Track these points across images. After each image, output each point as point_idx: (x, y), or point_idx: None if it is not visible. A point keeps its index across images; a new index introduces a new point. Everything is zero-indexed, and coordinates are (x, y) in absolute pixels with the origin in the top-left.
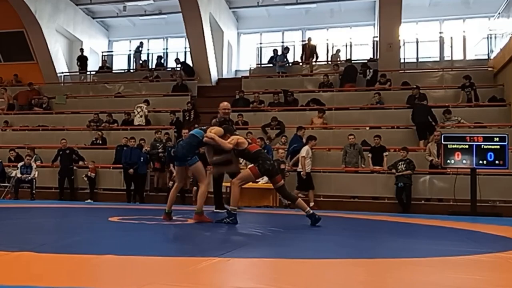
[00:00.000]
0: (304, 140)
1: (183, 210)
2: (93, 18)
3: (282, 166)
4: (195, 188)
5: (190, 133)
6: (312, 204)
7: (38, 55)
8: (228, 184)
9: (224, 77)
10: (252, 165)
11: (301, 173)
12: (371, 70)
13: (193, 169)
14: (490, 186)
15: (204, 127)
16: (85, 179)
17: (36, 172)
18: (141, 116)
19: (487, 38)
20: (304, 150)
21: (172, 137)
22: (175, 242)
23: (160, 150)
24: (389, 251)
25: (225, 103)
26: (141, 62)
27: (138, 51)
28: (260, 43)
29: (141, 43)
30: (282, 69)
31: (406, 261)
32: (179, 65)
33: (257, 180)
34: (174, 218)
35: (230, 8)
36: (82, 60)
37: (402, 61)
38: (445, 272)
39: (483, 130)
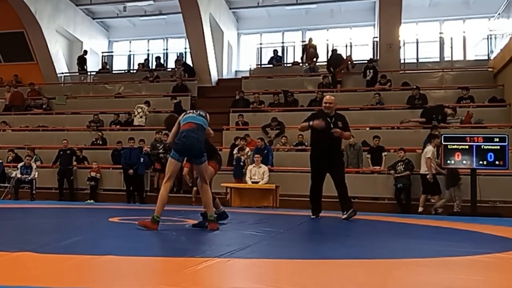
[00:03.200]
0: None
1: (183, 210)
2: (93, 18)
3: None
4: (195, 188)
5: (196, 123)
6: (440, 210)
7: (38, 55)
8: (228, 185)
9: (224, 77)
10: (210, 160)
11: (427, 175)
12: (371, 71)
13: (203, 167)
14: (490, 187)
15: (202, 112)
16: (88, 183)
17: (36, 173)
18: (141, 117)
19: (487, 38)
20: (430, 151)
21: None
22: (175, 242)
23: (160, 151)
24: (389, 251)
25: (327, 96)
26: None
27: (180, 60)
28: (260, 44)
29: (180, 53)
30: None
31: (406, 261)
32: (179, 67)
33: (258, 180)
34: (174, 218)
35: (230, 8)
36: (81, 61)
37: (402, 61)
38: (445, 273)
39: (483, 130)
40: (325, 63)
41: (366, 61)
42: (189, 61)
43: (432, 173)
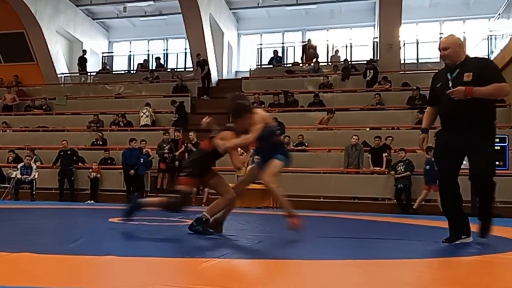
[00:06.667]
0: None
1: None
2: (93, 19)
3: None
4: (194, 189)
5: None
6: None
7: (38, 56)
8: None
9: (224, 78)
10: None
11: None
12: (371, 71)
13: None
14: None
15: None
16: (89, 178)
17: (36, 173)
18: (147, 116)
19: (487, 39)
20: None
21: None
22: (176, 243)
23: (166, 151)
24: (388, 252)
25: (442, 39)
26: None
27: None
28: (260, 44)
29: (204, 60)
30: None
31: (406, 262)
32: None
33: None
34: (174, 219)
35: (230, 9)
36: (82, 61)
37: (402, 62)
38: (444, 273)
39: None
40: (326, 63)
41: (366, 62)
42: (189, 62)
43: None
